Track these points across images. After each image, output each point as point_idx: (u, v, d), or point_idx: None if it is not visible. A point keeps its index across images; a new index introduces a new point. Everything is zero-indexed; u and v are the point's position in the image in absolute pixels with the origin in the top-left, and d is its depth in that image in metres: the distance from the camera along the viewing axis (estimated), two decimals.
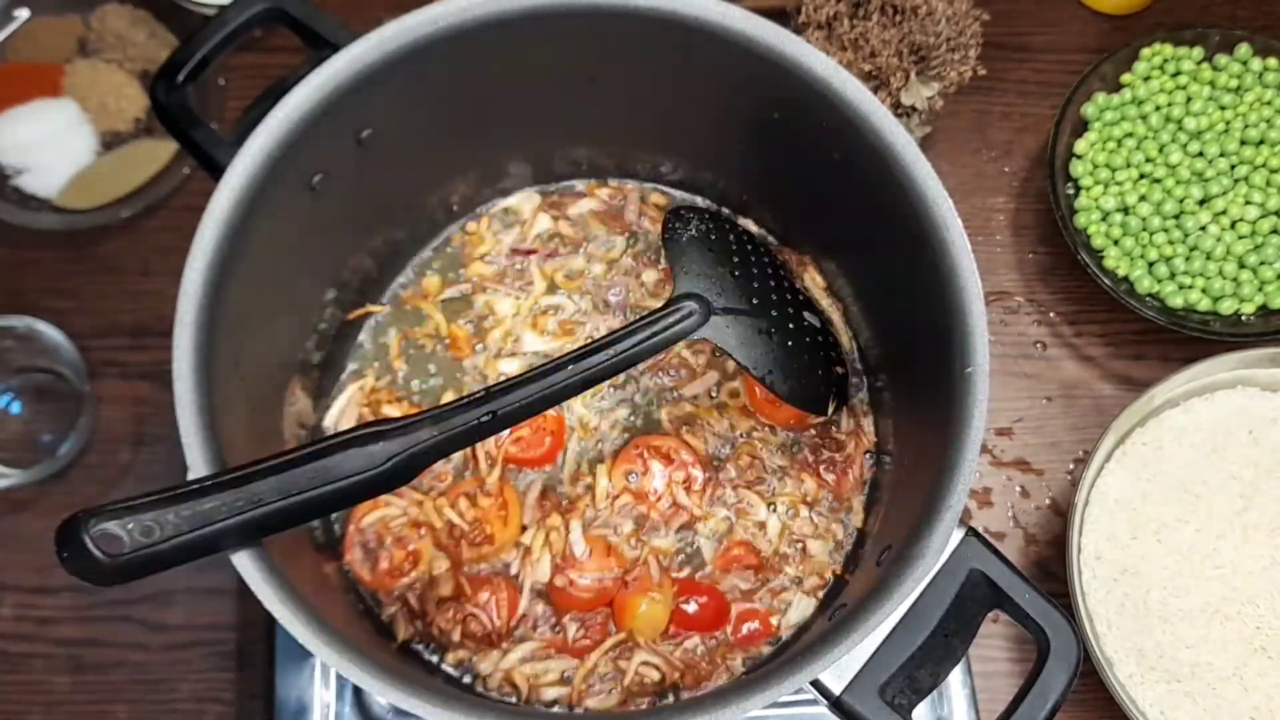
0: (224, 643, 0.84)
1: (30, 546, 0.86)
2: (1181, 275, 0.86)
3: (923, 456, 0.66)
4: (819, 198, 0.76)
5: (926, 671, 0.58)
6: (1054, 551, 0.86)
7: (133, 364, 0.89)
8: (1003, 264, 0.93)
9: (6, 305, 0.88)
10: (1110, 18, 0.99)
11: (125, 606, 0.85)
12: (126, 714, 0.83)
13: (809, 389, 0.74)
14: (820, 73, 0.62)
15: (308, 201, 0.66)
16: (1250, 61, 0.90)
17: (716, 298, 0.70)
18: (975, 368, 0.59)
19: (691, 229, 0.75)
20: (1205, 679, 0.76)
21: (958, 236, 0.61)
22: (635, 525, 0.77)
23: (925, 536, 0.58)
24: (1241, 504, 0.79)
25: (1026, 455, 0.89)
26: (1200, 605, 0.77)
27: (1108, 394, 0.90)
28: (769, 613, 0.76)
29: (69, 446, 0.84)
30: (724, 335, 0.70)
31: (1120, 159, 0.89)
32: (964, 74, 0.86)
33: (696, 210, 0.79)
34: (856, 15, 0.86)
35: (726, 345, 0.70)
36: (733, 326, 0.70)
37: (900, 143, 0.62)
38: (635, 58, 0.68)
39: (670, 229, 0.75)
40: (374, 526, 0.76)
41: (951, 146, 0.96)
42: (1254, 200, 0.87)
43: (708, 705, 0.55)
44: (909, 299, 0.68)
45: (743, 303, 0.72)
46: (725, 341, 0.70)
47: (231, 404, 0.62)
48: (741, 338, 0.71)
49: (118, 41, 0.95)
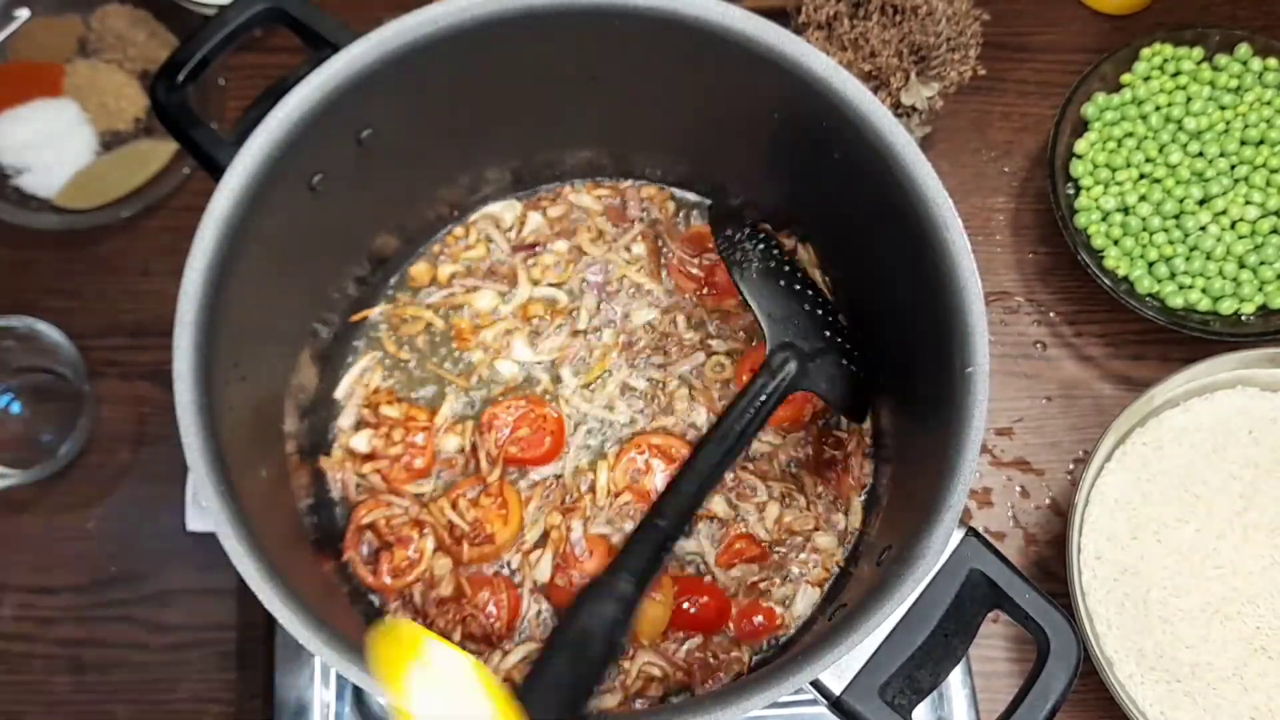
0: (224, 643, 0.84)
1: (30, 546, 0.86)
2: (1181, 275, 0.87)
3: (923, 456, 0.66)
4: (818, 198, 0.76)
5: (927, 671, 0.58)
6: (1054, 551, 0.86)
7: (133, 364, 0.89)
8: (1003, 264, 0.93)
9: (7, 305, 0.88)
10: (1110, 18, 0.99)
11: (125, 607, 0.85)
12: (126, 714, 0.83)
13: (863, 399, 0.74)
14: (820, 73, 0.62)
15: (308, 201, 0.66)
16: (1250, 61, 0.90)
17: (803, 341, 0.70)
18: (975, 368, 0.59)
19: (754, 259, 0.74)
20: (1205, 679, 0.76)
21: (958, 236, 0.61)
22: (636, 524, 0.77)
23: (925, 536, 0.58)
24: (1241, 504, 0.79)
25: (1026, 455, 0.89)
26: (1200, 605, 0.77)
27: (1108, 394, 0.90)
28: (774, 606, 0.76)
29: (69, 446, 0.84)
30: (817, 382, 0.69)
31: (1120, 159, 0.89)
32: (964, 74, 0.86)
33: (741, 226, 0.76)
34: (857, 15, 0.86)
35: (821, 393, 0.69)
36: (821, 367, 0.70)
37: (900, 143, 0.62)
38: (635, 58, 0.68)
39: (728, 254, 0.73)
40: (375, 526, 0.76)
41: (952, 146, 0.96)
42: (1254, 200, 0.87)
43: (707, 705, 0.55)
44: (909, 299, 0.68)
45: (820, 340, 0.71)
46: (819, 388, 0.69)
47: (232, 404, 0.62)
48: (829, 377, 0.70)
49: (118, 41, 0.95)
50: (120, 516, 0.86)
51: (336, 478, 0.78)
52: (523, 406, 0.79)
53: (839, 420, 0.81)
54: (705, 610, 0.75)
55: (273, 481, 0.70)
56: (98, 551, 0.85)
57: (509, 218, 0.84)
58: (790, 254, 0.78)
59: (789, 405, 0.80)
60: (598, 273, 0.83)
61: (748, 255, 0.74)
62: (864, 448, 0.80)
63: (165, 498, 0.86)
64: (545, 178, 0.85)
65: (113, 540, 0.86)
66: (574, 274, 0.83)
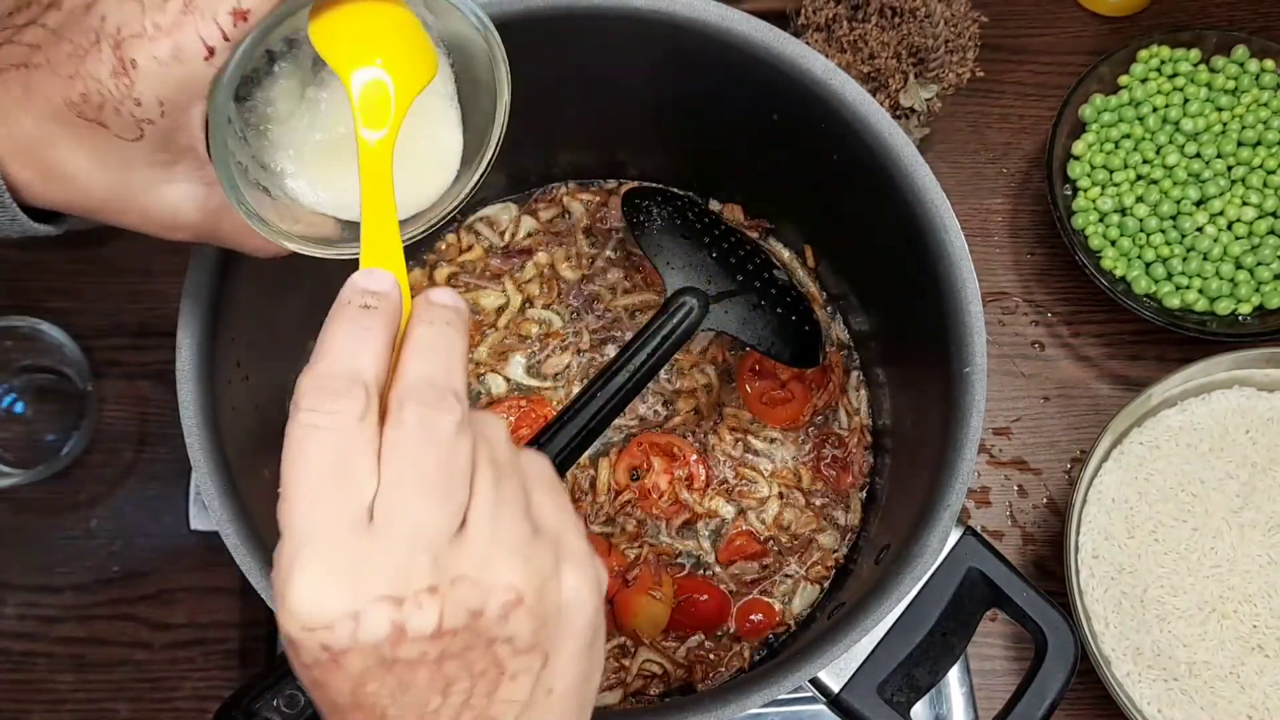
0: (227, 641, 0.84)
1: (33, 545, 0.86)
2: (1179, 276, 0.87)
3: (921, 455, 0.66)
4: (817, 199, 0.76)
5: (925, 669, 0.58)
6: (1051, 550, 0.87)
7: (136, 364, 0.89)
8: (1000, 265, 0.94)
9: (10, 305, 0.88)
10: (1108, 19, 0.99)
11: (128, 605, 0.85)
12: (129, 712, 0.83)
13: (806, 348, 0.74)
14: (819, 75, 0.63)
15: None
16: (1247, 63, 0.90)
17: (707, 285, 0.70)
18: (973, 368, 0.60)
19: (655, 217, 0.74)
20: (1202, 677, 0.76)
21: (956, 237, 0.61)
22: (637, 523, 0.78)
23: (924, 535, 0.58)
24: (1238, 503, 0.79)
25: (1024, 455, 0.89)
26: (1197, 604, 0.78)
27: (1105, 394, 0.91)
28: (774, 602, 0.77)
29: (72, 446, 0.85)
30: (725, 321, 0.70)
31: (1118, 160, 0.89)
32: (962, 76, 0.86)
33: (649, 193, 0.78)
34: (855, 17, 0.86)
35: (730, 330, 0.70)
36: (730, 310, 0.70)
37: (899, 144, 0.62)
38: (634, 60, 0.68)
39: (633, 220, 0.74)
40: None
41: (950, 148, 0.96)
42: (1251, 201, 0.87)
43: (707, 703, 0.56)
44: (907, 299, 0.68)
45: (730, 283, 0.72)
46: (728, 326, 0.70)
47: (235, 403, 0.63)
48: (741, 318, 0.71)
49: None
50: (123, 515, 0.86)
51: None
52: (523, 406, 0.79)
53: (839, 419, 0.81)
54: (705, 607, 0.76)
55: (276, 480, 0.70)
56: (100, 550, 0.86)
57: (505, 219, 0.85)
58: (713, 215, 0.78)
59: (789, 405, 0.80)
60: (578, 296, 0.83)
61: (652, 216, 0.74)
62: (864, 446, 0.81)
63: (168, 497, 0.86)
64: (538, 180, 0.85)
65: (115, 539, 0.86)
66: (557, 298, 0.83)
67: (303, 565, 0.33)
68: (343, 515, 0.34)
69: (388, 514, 0.34)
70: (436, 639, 0.34)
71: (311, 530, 0.34)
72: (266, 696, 0.49)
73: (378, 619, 0.33)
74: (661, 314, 0.68)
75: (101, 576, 0.85)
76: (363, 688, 0.34)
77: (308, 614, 0.33)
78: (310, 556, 0.34)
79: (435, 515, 0.35)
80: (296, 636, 0.34)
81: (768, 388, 0.81)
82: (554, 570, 0.37)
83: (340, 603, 0.33)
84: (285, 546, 0.34)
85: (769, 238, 0.85)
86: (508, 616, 0.35)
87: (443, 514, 0.35)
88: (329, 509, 0.34)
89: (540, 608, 0.36)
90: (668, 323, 0.67)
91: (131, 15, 0.39)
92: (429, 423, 0.35)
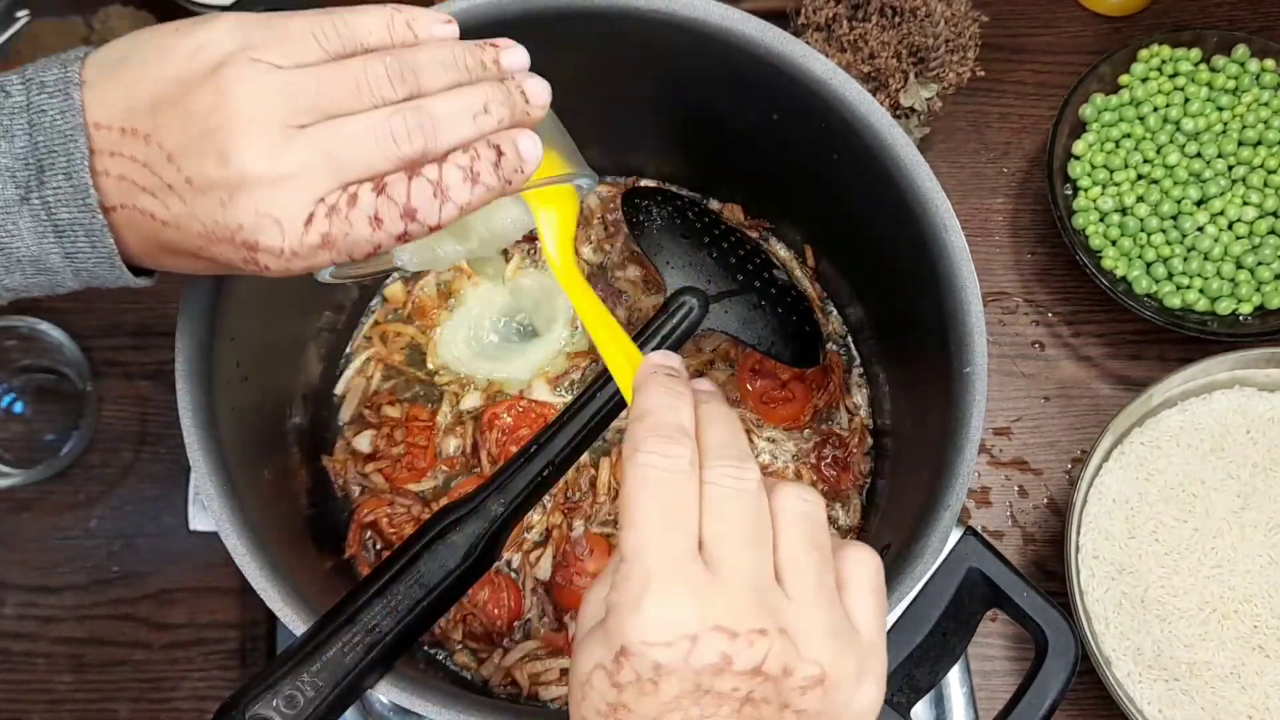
0: (226, 641, 0.84)
1: (32, 545, 0.86)
2: (1179, 276, 0.87)
3: (921, 455, 0.66)
4: (817, 199, 0.76)
5: (925, 670, 0.58)
6: (1052, 550, 0.86)
7: (135, 363, 0.89)
8: (1001, 264, 0.94)
9: (9, 305, 0.88)
10: (1108, 19, 0.99)
11: (127, 605, 0.85)
12: (128, 712, 0.83)
13: (806, 347, 0.74)
14: (820, 74, 0.63)
15: None
16: (1248, 63, 0.90)
17: (707, 285, 0.70)
18: (974, 368, 0.60)
19: (655, 216, 0.74)
20: (1203, 677, 0.76)
21: (956, 237, 0.61)
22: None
23: (924, 535, 0.58)
24: (1239, 503, 0.79)
25: (1025, 455, 0.89)
26: (1198, 604, 0.77)
27: (1106, 394, 0.91)
28: None
29: (71, 446, 0.85)
30: (725, 321, 0.70)
31: (1118, 160, 0.89)
32: (962, 75, 0.86)
33: (648, 193, 0.78)
34: (855, 17, 0.86)
35: (730, 330, 0.70)
36: (730, 310, 0.71)
37: (899, 144, 0.62)
38: (633, 59, 0.68)
39: (633, 220, 0.74)
40: (377, 525, 0.77)
41: (950, 147, 0.96)
42: (1251, 201, 0.87)
43: None
44: (908, 299, 0.68)
45: (730, 283, 0.72)
46: (728, 326, 0.70)
47: (234, 404, 0.63)
48: (741, 318, 0.71)
49: None
50: (122, 515, 0.86)
51: (338, 477, 0.79)
52: (524, 406, 0.79)
53: (839, 419, 0.81)
54: None
55: (275, 480, 0.70)
56: (100, 550, 0.86)
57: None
58: (713, 215, 0.78)
59: (789, 404, 0.80)
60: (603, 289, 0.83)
61: (651, 216, 0.75)
62: (864, 446, 0.81)
63: (167, 497, 0.86)
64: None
65: (115, 539, 0.86)
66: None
67: (659, 586, 0.36)
68: (683, 547, 0.37)
69: (718, 555, 0.37)
70: (752, 677, 0.36)
71: (663, 557, 0.37)
72: (266, 696, 0.49)
73: (711, 646, 0.36)
74: (661, 314, 0.68)
75: (101, 576, 0.85)
76: (666, 715, 0.36)
77: (654, 630, 0.36)
78: (666, 579, 0.36)
79: (757, 562, 0.38)
80: (636, 650, 0.36)
81: (768, 387, 0.81)
82: (857, 675, 0.39)
83: (686, 625, 0.36)
84: (633, 567, 0.37)
85: (769, 238, 0.85)
86: (808, 690, 0.37)
87: (763, 562, 0.38)
88: (672, 540, 0.37)
89: (836, 698, 0.38)
90: (668, 323, 0.67)
91: (270, 233, 0.42)
92: (737, 478, 0.39)
